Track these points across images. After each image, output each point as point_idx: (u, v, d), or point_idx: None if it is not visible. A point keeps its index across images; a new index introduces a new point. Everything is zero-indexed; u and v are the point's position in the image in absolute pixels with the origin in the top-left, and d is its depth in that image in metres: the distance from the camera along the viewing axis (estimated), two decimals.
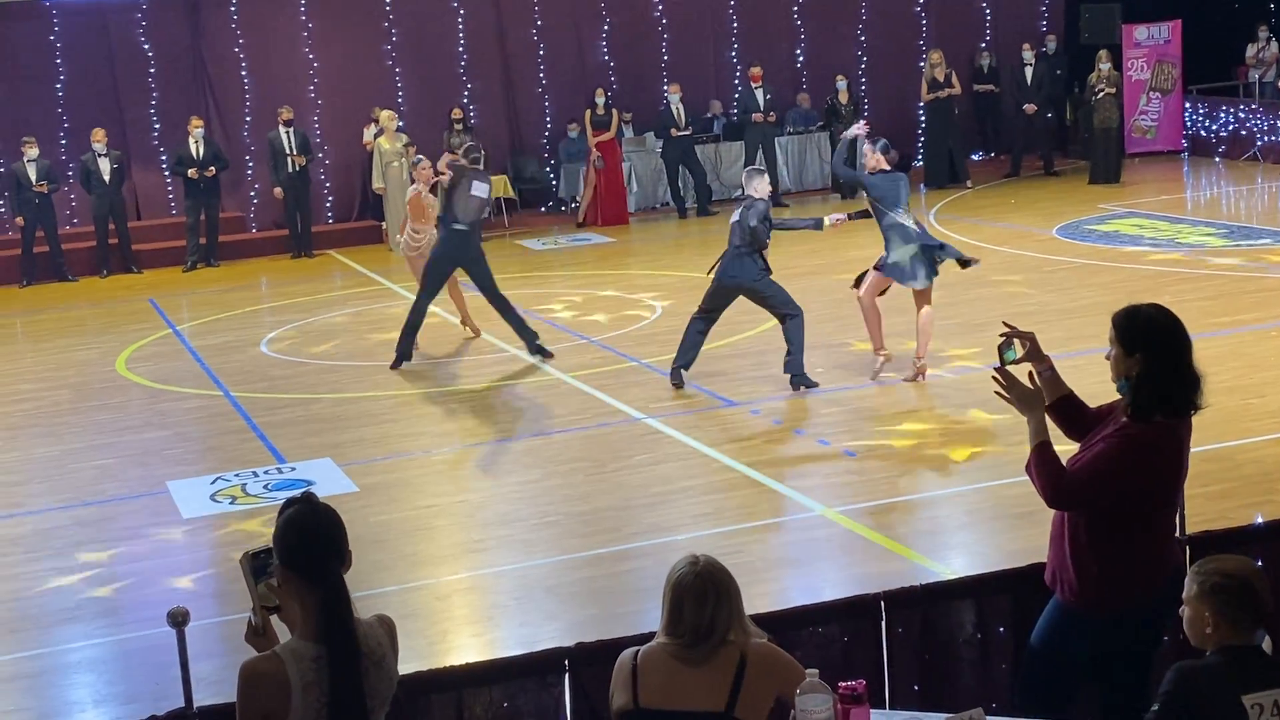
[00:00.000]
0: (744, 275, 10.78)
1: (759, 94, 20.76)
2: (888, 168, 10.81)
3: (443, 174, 12.60)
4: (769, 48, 22.23)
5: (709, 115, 21.86)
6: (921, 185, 20.99)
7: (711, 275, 10.97)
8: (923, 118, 21.94)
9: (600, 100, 20.29)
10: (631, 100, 21.52)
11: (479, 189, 12.32)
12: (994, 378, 4.69)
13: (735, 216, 10.87)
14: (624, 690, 3.96)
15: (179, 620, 4.54)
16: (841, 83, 21.07)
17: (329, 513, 3.66)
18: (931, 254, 10.65)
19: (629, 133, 21.17)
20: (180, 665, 4.55)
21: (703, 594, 3.92)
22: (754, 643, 3.99)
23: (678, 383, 11.17)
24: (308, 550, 3.58)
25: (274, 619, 3.77)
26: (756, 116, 20.67)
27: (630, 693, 3.95)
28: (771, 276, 10.89)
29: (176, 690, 4.78)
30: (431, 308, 12.68)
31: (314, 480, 9.51)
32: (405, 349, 12.47)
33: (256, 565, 3.69)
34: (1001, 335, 4.81)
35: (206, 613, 7.29)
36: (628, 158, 20.85)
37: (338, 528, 3.65)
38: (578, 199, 20.81)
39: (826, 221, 11.17)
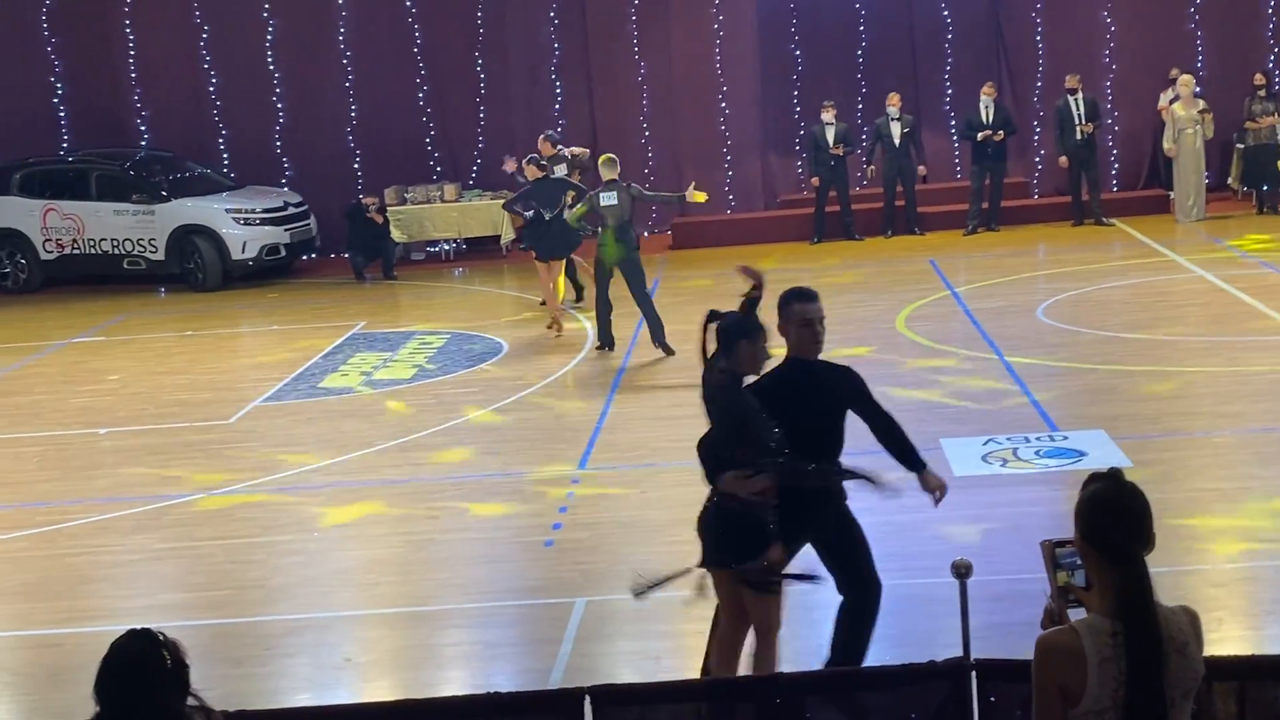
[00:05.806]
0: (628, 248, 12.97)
1: None
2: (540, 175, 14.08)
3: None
4: None
5: None
6: None
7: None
8: None
9: None
10: None
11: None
12: None
13: (612, 200, 12.98)
14: None
15: (962, 572, 4.67)
16: None
17: (1135, 492, 3.58)
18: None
19: None
20: (961, 615, 4.67)
21: None
22: None
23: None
24: (1109, 528, 3.52)
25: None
26: None
27: None
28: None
29: (945, 639, 4.92)
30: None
31: (1086, 451, 9.38)
32: None
33: (1057, 555, 3.69)
34: None
35: (978, 569, 7.40)
36: None
37: (1143, 508, 3.56)
38: None
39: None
